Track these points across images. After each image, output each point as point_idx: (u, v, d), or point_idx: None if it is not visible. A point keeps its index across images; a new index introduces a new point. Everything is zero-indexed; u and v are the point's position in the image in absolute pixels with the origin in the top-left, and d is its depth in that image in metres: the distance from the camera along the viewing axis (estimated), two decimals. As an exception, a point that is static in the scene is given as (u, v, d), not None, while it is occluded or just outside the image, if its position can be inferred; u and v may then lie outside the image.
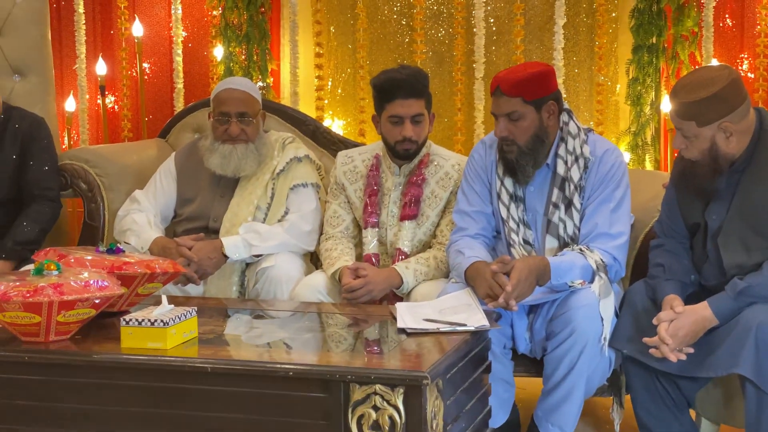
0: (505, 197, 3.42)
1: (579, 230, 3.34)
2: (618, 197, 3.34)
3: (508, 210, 3.41)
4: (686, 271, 3.17)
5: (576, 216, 3.34)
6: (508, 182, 3.42)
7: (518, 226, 3.40)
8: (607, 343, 3.17)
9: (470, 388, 2.88)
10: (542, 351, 3.33)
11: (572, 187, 3.35)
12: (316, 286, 3.60)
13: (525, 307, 3.32)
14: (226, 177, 3.91)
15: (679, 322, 2.96)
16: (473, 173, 3.52)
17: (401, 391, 2.46)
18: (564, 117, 3.41)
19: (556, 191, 3.37)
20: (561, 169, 3.36)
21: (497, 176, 3.44)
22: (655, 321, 3.01)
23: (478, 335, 2.96)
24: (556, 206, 3.36)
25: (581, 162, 3.36)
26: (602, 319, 3.16)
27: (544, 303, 3.31)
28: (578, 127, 3.41)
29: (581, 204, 3.35)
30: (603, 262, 3.25)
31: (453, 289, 3.31)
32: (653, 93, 4.76)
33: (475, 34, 4.96)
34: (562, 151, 3.37)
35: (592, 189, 3.35)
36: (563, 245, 3.34)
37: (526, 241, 3.40)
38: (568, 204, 3.35)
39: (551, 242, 3.36)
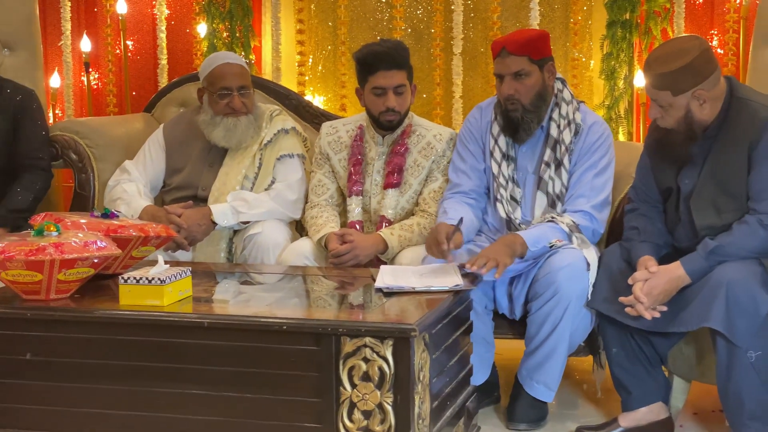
0: (497, 155, 3.56)
1: (566, 189, 3.48)
2: (602, 165, 3.50)
3: (500, 167, 3.55)
4: (660, 234, 3.27)
5: (564, 176, 3.48)
6: (502, 142, 3.56)
7: (507, 183, 3.54)
8: (594, 277, 3.30)
9: (453, 346, 2.96)
10: (522, 312, 3.44)
11: (563, 148, 3.49)
12: (303, 251, 3.67)
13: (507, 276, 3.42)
14: (216, 147, 3.98)
15: (654, 282, 3.05)
16: (468, 134, 3.67)
17: (390, 343, 2.54)
18: (558, 84, 3.57)
19: (548, 151, 3.51)
20: (554, 131, 3.52)
21: (491, 136, 3.58)
22: (630, 281, 3.10)
23: (461, 295, 3.04)
24: (547, 165, 3.50)
25: (573, 127, 3.51)
26: (588, 264, 3.30)
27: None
28: (571, 95, 3.58)
29: (570, 166, 3.49)
30: (574, 223, 3.39)
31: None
32: (627, 67, 4.85)
33: (453, 11, 5.06)
34: (555, 115, 3.53)
35: (579, 155, 3.50)
36: (551, 203, 3.48)
37: (513, 198, 3.53)
38: (558, 164, 3.49)
39: (541, 198, 3.50)
